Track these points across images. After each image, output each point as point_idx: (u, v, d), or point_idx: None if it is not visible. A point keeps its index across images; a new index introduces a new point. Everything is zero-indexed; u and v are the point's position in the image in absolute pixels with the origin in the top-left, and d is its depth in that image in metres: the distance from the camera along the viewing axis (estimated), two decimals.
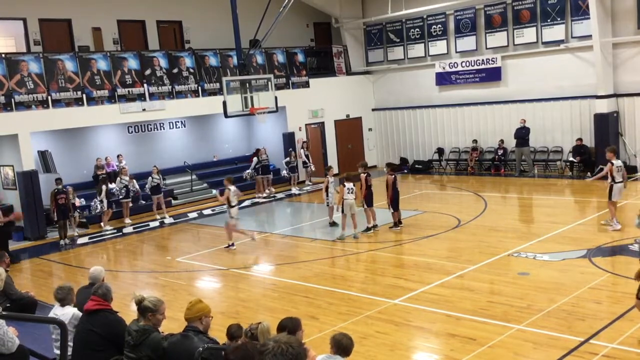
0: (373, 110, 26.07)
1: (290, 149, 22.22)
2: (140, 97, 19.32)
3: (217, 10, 21.59)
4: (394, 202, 14.73)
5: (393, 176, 14.86)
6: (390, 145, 25.67)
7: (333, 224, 15.42)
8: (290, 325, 5.46)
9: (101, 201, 17.53)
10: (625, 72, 19.59)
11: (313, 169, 22.40)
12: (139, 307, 5.75)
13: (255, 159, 20.99)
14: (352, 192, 14.18)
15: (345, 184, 14.31)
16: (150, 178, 18.47)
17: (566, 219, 14.52)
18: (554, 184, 19.60)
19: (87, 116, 18.30)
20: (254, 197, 20.78)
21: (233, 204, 14.17)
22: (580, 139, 20.02)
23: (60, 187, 16.38)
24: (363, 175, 14.70)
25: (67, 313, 6.69)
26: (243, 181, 21.47)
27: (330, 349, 5.43)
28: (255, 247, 14.58)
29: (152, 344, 5.56)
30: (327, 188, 15.47)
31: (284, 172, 22.11)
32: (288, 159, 21.98)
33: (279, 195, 21.14)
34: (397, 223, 14.74)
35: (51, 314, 6.90)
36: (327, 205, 15.59)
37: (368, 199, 14.65)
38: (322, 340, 7.48)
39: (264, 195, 21.02)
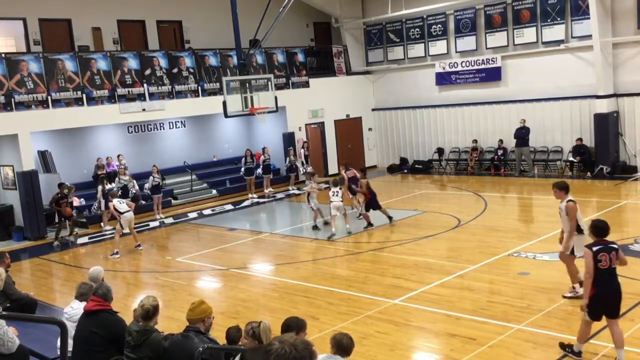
0: (373, 110, 26.07)
1: (290, 147, 22.23)
2: (140, 97, 19.31)
3: (217, 10, 21.57)
4: (372, 202, 15.13)
5: (366, 180, 15.27)
6: (390, 145, 25.67)
7: (316, 227, 15.43)
8: (293, 325, 5.46)
9: (99, 201, 17.53)
10: (625, 72, 19.58)
11: (309, 170, 22.31)
12: (147, 314, 5.72)
13: (242, 160, 21.09)
14: (337, 195, 14.43)
15: (332, 188, 14.61)
16: (151, 177, 18.47)
17: None
18: None
19: (87, 116, 18.29)
20: (247, 198, 20.80)
21: (122, 210, 14.59)
22: (580, 139, 20.01)
23: (65, 191, 16.39)
24: (364, 181, 15.11)
25: (82, 307, 6.72)
26: (243, 181, 21.53)
27: (331, 349, 5.43)
28: (255, 247, 14.60)
29: (153, 344, 5.57)
30: (309, 194, 15.59)
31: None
32: (290, 158, 22.00)
33: (279, 195, 21.14)
34: (370, 224, 15.02)
35: (67, 308, 7.08)
36: (312, 210, 15.62)
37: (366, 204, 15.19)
38: (322, 340, 7.47)
39: (257, 195, 20.99)
